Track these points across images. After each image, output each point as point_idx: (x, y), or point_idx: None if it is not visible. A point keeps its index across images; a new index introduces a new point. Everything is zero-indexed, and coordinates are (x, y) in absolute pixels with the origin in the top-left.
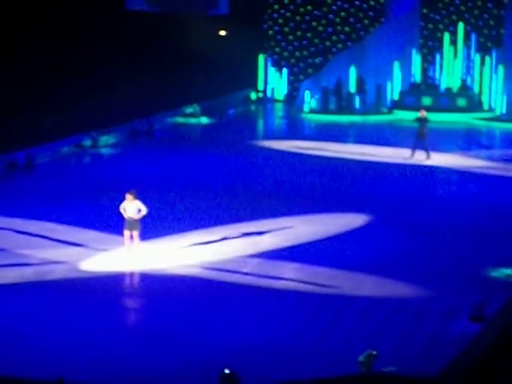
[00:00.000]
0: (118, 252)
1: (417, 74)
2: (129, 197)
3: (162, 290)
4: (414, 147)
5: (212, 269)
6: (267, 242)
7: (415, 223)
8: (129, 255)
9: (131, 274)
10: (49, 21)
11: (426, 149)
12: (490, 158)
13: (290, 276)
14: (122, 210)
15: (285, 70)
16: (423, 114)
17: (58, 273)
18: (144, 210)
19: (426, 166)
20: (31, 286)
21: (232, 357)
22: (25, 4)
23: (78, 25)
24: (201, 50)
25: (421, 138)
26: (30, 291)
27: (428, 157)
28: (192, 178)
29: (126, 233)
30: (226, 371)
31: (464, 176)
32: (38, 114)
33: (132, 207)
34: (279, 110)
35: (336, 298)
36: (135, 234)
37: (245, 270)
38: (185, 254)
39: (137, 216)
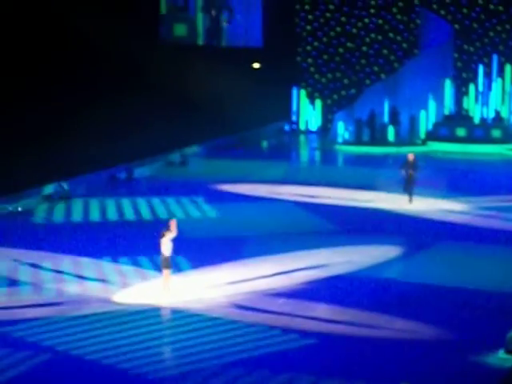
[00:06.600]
0: (152, 286)
1: (451, 106)
2: (168, 233)
3: (193, 324)
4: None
5: (243, 306)
6: (301, 275)
7: (449, 255)
8: (162, 289)
9: (164, 308)
10: (83, 52)
11: (411, 193)
12: None
13: (323, 313)
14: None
15: (318, 102)
16: (411, 157)
17: (91, 307)
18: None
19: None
20: (67, 320)
21: None
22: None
23: (113, 57)
24: (234, 82)
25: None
26: (65, 324)
27: (410, 201)
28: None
29: (165, 271)
30: None
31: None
32: (72, 146)
33: (165, 244)
34: (313, 141)
35: (369, 331)
36: (166, 272)
37: (277, 306)
38: (217, 287)
39: (167, 253)
